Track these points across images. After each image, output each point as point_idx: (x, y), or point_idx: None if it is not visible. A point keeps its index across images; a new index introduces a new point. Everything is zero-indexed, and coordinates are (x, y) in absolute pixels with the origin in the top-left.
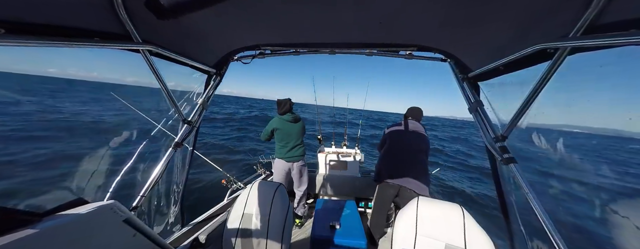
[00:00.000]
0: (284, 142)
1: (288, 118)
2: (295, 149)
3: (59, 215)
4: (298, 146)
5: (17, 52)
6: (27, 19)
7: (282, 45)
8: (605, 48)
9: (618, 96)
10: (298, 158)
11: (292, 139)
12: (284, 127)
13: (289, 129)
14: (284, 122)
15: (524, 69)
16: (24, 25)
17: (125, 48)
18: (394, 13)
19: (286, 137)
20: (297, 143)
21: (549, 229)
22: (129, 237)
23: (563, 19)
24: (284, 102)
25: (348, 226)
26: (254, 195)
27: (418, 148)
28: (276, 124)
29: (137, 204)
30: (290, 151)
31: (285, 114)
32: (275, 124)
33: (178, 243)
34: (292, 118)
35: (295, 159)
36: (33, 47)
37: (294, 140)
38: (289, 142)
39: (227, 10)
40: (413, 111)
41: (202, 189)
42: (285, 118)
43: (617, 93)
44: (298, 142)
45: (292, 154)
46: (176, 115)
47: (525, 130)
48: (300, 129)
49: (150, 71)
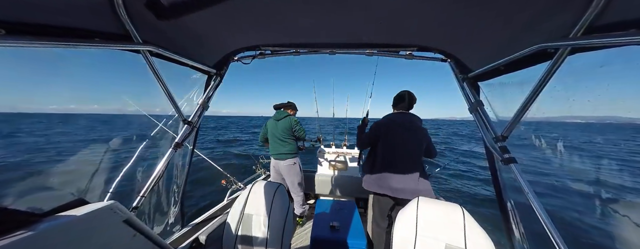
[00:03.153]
0: (271, 140)
1: (274, 116)
2: (278, 146)
3: (58, 216)
4: (280, 143)
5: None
6: (27, 19)
7: (282, 46)
8: (605, 48)
9: (618, 96)
10: (283, 157)
11: (275, 136)
12: (270, 125)
13: (272, 127)
14: (270, 121)
15: (524, 69)
16: (24, 25)
17: (125, 49)
18: (394, 13)
19: (270, 136)
20: (279, 140)
21: (549, 228)
22: (129, 237)
23: (563, 19)
24: (276, 106)
25: (348, 227)
26: (254, 195)
27: (417, 149)
28: (266, 124)
29: (137, 205)
30: (273, 149)
31: (275, 113)
32: (265, 124)
33: (178, 243)
34: (277, 115)
35: (281, 157)
36: (33, 47)
37: (276, 136)
38: (273, 139)
39: (227, 10)
40: (402, 99)
41: (202, 189)
42: (273, 116)
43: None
44: (280, 138)
45: (275, 152)
46: (176, 115)
47: (526, 130)
48: (285, 126)
49: (151, 72)
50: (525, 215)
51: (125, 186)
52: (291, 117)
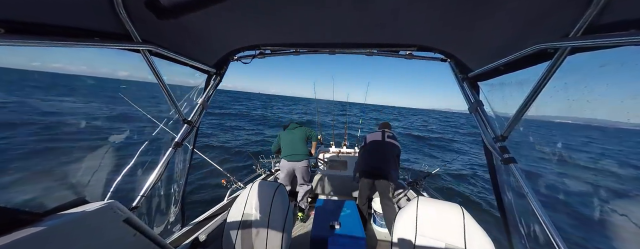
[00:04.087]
0: (287, 146)
1: (290, 127)
2: (294, 148)
3: (59, 215)
4: (296, 146)
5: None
6: (27, 19)
7: (282, 45)
8: (605, 48)
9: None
10: (299, 158)
11: (294, 142)
12: (287, 135)
13: (290, 136)
14: (287, 132)
15: (524, 69)
16: (24, 25)
17: (125, 48)
18: (394, 13)
19: (289, 142)
20: (295, 143)
21: (548, 228)
22: (129, 237)
23: (563, 19)
24: (288, 124)
25: (348, 226)
26: (254, 195)
27: (392, 151)
28: (281, 134)
29: (137, 204)
30: (289, 150)
31: (288, 128)
32: (280, 134)
33: (178, 242)
34: (294, 127)
35: (296, 158)
36: (33, 47)
37: (295, 143)
38: (290, 145)
39: (227, 10)
40: (386, 124)
41: (202, 189)
42: (289, 128)
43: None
44: (296, 142)
45: (292, 153)
46: (176, 115)
47: (526, 130)
48: (300, 133)
49: (150, 71)
50: (524, 215)
51: (125, 186)
52: (304, 127)
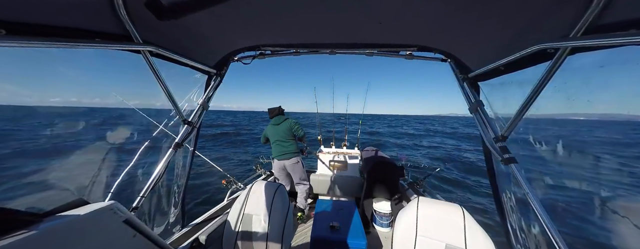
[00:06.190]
0: (273, 143)
1: (273, 122)
2: (282, 147)
3: (59, 216)
4: (283, 144)
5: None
6: (28, 19)
7: (282, 46)
8: (605, 48)
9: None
10: (288, 156)
11: (278, 139)
12: (270, 130)
13: (273, 131)
14: (270, 126)
15: (524, 69)
16: (24, 26)
17: (125, 49)
18: (394, 13)
19: (275, 140)
20: (282, 142)
21: (548, 228)
22: (129, 238)
23: (563, 19)
24: (272, 110)
25: (348, 226)
26: (254, 195)
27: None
28: (266, 129)
29: (137, 205)
30: (277, 150)
31: (273, 119)
32: (266, 129)
33: (178, 243)
34: (276, 121)
35: (285, 157)
36: (33, 47)
37: (279, 139)
38: (275, 142)
39: (228, 10)
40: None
41: (202, 189)
42: (271, 122)
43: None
44: (282, 140)
45: (280, 152)
46: (177, 116)
47: (526, 130)
48: (285, 128)
49: (151, 72)
50: (524, 215)
51: (125, 187)
52: (289, 119)
